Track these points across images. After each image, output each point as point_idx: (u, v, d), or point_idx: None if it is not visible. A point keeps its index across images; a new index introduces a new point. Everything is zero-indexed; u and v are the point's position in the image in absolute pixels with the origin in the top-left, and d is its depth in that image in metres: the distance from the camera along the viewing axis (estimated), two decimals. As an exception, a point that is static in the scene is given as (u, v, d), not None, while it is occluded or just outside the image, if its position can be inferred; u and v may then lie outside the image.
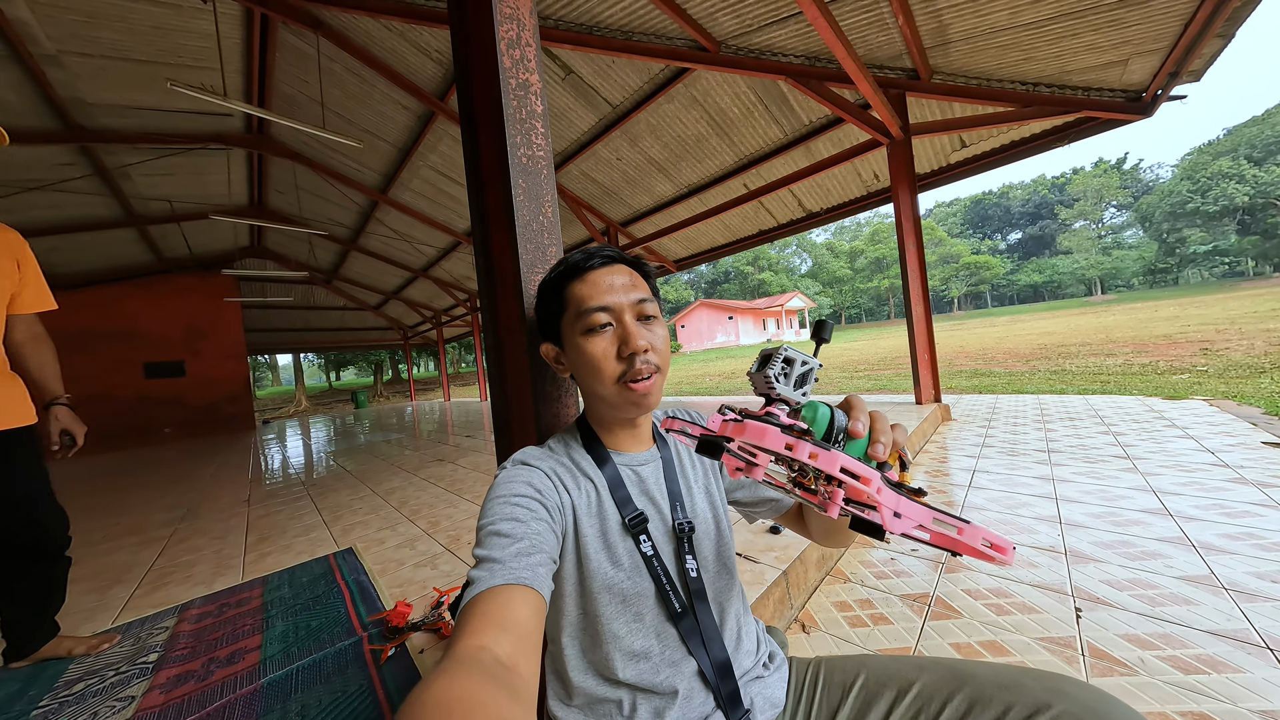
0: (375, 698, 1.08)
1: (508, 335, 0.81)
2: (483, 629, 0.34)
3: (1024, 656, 1.04)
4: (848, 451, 0.37)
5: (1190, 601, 1.16)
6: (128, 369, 9.25)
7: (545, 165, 0.84)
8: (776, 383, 0.38)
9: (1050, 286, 57.56)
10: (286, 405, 21.96)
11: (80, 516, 3.33)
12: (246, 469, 4.80)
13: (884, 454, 0.37)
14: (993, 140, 4.20)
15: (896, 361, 9.51)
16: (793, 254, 67.03)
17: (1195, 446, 2.37)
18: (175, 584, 1.89)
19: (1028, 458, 2.48)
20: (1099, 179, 58.52)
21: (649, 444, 0.63)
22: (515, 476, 0.51)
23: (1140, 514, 1.69)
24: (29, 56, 3.89)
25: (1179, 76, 2.97)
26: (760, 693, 0.56)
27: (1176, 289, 40.00)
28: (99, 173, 5.69)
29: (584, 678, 0.53)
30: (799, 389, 0.39)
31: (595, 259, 0.56)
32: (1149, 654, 1.00)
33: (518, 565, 0.40)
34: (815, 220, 5.91)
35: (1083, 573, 1.34)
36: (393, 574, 1.71)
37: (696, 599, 0.55)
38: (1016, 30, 2.99)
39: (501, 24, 0.81)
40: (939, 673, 0.51)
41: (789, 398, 0.38)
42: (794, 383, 0.39)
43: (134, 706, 1.15)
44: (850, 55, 2.81)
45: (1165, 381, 4.41)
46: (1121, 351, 7.12)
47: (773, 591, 1.25)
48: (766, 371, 0.39)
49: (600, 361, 0.52)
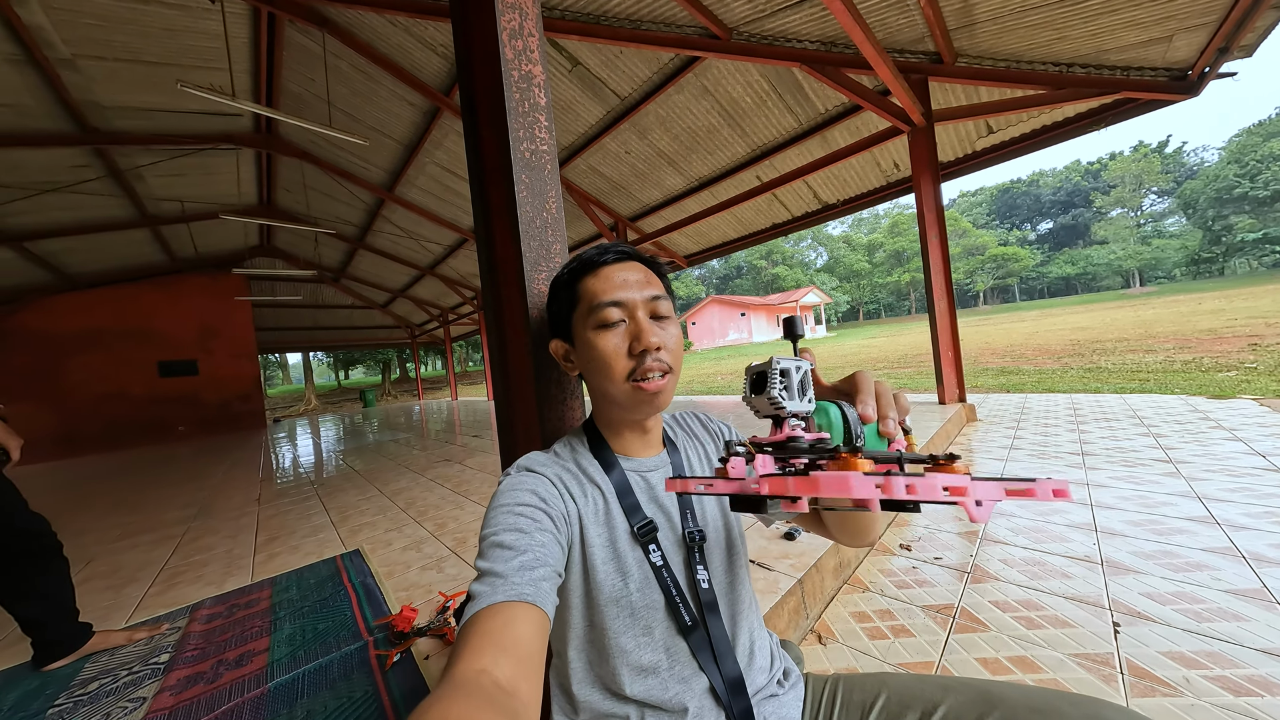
0: (380, 705, 1.07)
1: (511, 334, 0.79)
2: (482, 650, 0.33)
3: (1057, 674, 0.98)
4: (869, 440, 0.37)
5: (1240, 617, 1.09)
6: (143, 368, 9.52)
7: (549, 159, 0.81)
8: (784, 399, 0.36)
9: (1084, 279, 55.61)
10: (297, 404, 22.44)
11: (98, 514, 3.43)
12: (257, 468, 4.89)
13: (894, 429, 0.36)
14: (1022, 125, 4.02)
15: (918, 359, 9.32)
16: (808, 248, 66.19)
17: (1244, 449, 2.25)
18: (187, 583, 1.91)
19: (1060, 460, 2.38)
20: (1139, 164, 55.54)
21: (659, 449, 0.60)
22: (519, 484, 0.49)
23: (1184, 522, 1.60)
24: (45, 61, 3.95)
25: (1229, 52, 2.78)
26: (775, 712, 0.53)
27: (1222, 280, 38.08)
28: (113, 174, 5.82)
29: (590, 693, 0.51)
30: (803, 396, 0.37)
31: (610, 254, 0.55)
32: (1195, 673, 0.95)
33: (520, 580, 0.39)
34: (831, 212, 5.78)
35: (1121, 585, 1.27)
36: (399, 576, 1.71)
37: (708, 611, 0.53)
38: (1049, 8, 2.84)
39: (503, 14, 0.78)
40: (967, 695, 0.48)
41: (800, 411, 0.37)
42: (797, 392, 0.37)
43: (145, 708, 1.16)
44: (869, 39, 2.70)
45: (1210, 379, 4.18)
46: (1162, 347, 6.81)
47: (787, 601, 1.21)
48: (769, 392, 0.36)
49: (611, 358, 0.51)
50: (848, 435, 0.38)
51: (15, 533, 1.31)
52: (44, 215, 6.17)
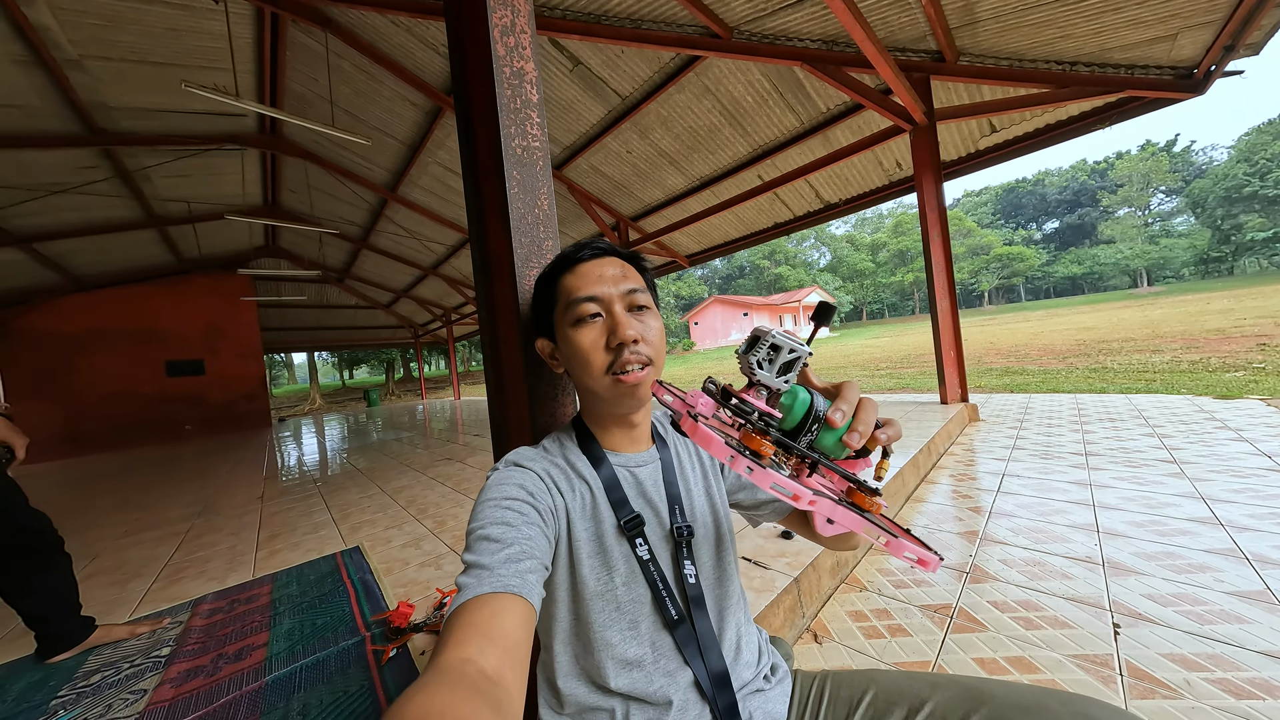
0: (375, 699, 1.07)
1: (504, 330, 0.79)
2: (468, 640, 0.34)
3: (1055, 675, 0.98)
4: (821, 440, 0.38)
5: (1243, 619, 1.08)
6: (150, 367, 9.62)
7: (541, 156, 0.81)
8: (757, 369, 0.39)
9: (1091, 278, 55.08)
10: (301, 403, 22.57)
11: (104, 511, 3.47)
12: (261, 466, 4.93)
13: (858, 443, 0.37)
14: (1026, 124, 3.98)
15: (921, 359, 9.27)
16: (811, 247, 65.90)
17: (1250, 450, 2.22)
18: (190, 579, 1.93)
19: (1063, 461, 2.36)
20: (1146, 163, 54.83)
21: (647, 444, 0.61)
22: (507, 479, 0.50)
23: (1188, 523, 1.58)
24: (52, 61, 3.99)
25: (1235, 50, 2.74)
26: (760, 707, 0.53)
27: (1231, 279, 37.67)
28: (120, 175, 5.86)
29: (575, 685, 0.52)
30: (782, 376, 0.39)
31: (586, 250, 0.56)
32: (1196, 675, 0.94)
33: (506, 572, 0.39)
34: (834, 212, 5.75)
35: (1122, 586, 1.26)
36: (398, 573, 1.72)
37: (694, 606, 0.53)
38: (1051, 6, 2.81)
39: (495, 10, 0.79)
40: (954, 691, 0.48)
41: (770, 384, 0.38)
42: (777, 370, 0.39)
43: (145, 700, 1.17)
44: (870, 38, 2.69)
45: (1217, 380, 4.13)
46: (1169, 347, 6.75)
47: (783, 599, 1.20)
48: (750, 356, 0.39)
49: (589, 352, 0.51)
50: (800, 424, 0.38)
51: (16, 530, 1.33)
52: (52, 216, 6.22)
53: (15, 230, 6.20)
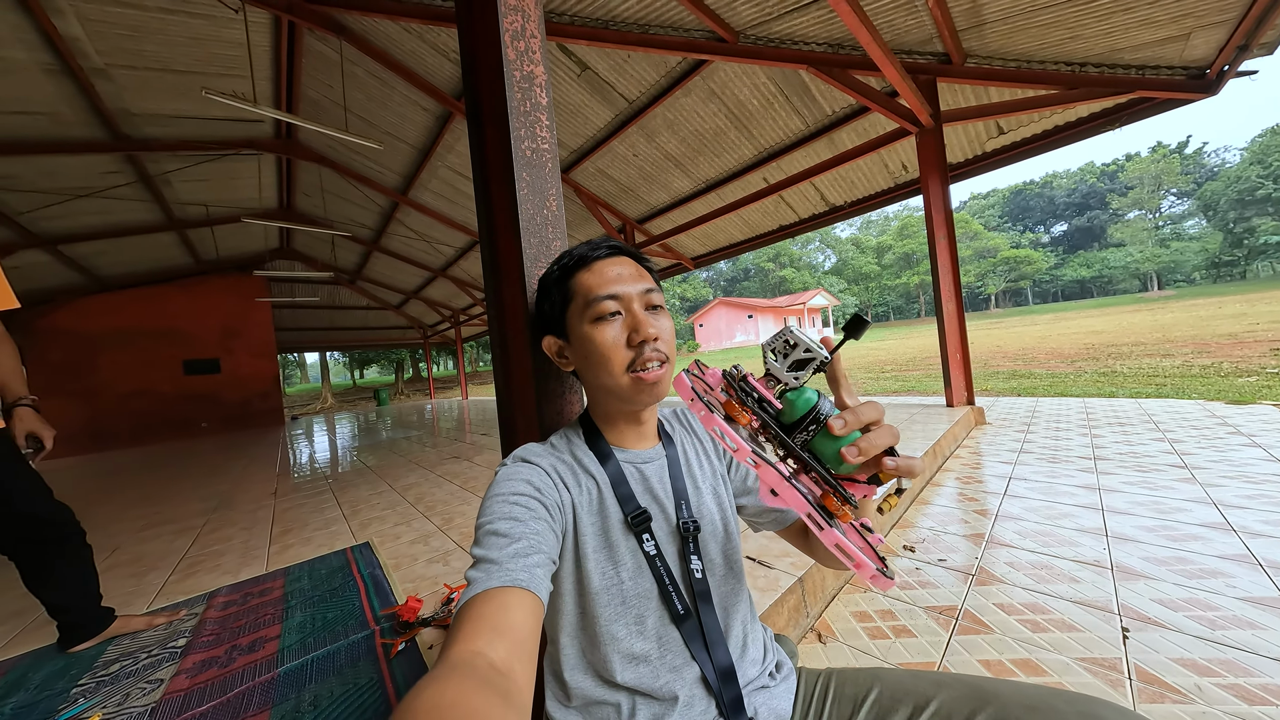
0: (384, 691, 1.09)
1: (512, 329, 0.81)
2: (477, 633, 0.34)
3: (1062, 677, 0.97)
4: (820, 445, 0.38)
5: (1256, 625, 1.06)
6: (168, 366, 9.85)
7: (550, 158, 0.83)
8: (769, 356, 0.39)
9: (1100, 282, 54.14)
10: (313, 402, 22.85)
11: (124, 505, 3.55)
12: (275, 463, 5.01)
13: (855, 458, 0.35)
14: (1033, 126, 3.95)
15: (926, 362, 9.16)
16: (815, 250, 65.60)
17: (1263, 455, 2.17)
18: (205, 572, 1.97)
19: (1070, 465, 2.32)
20: (1157, 164, 53.86)
21: (654, 441, 0.61)
22: (515, 474, 0.50)
23: (1199, 528, 1.55)
24: (80, 71, 4.13)
25: (1249, 50, 2.70)
26: (765, 703, 0.53)
27: (1244, 283, 36.90)
28: (142, 179, 6.03)
29: (582, 679, 0.52)
30: (793, 372, 0.39)
31: (601, 249, 0.56)
32: (1207, 681, 0.92)
33: (515, 567, 0.40)
34: (839, 214, 5.74)
35: (1132, 590, 1.24)
36: (406, 569, 1.74)
37: (701, 601, 0.53)
38: (1060, 7, 2.79)
39: (506, 15, 0.81)
40: (960, 690, 0.48)
41: (778, 374, 0.39)
42: (789, 364, 0.39)
43: (162, 689, 1.20)
44: (876, 41, 2.69)
45: (1230, 384, 4.05)
46: (1180, 352, 6.61)
47: (787, 598, 1.21)
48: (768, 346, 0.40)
49: (610, 350, 0.52)
50: (799, 421, 0.38)
51: (40, 522, 1.35)
52: (77, 220, 6.41)
53: (41, 232, 6.39)
